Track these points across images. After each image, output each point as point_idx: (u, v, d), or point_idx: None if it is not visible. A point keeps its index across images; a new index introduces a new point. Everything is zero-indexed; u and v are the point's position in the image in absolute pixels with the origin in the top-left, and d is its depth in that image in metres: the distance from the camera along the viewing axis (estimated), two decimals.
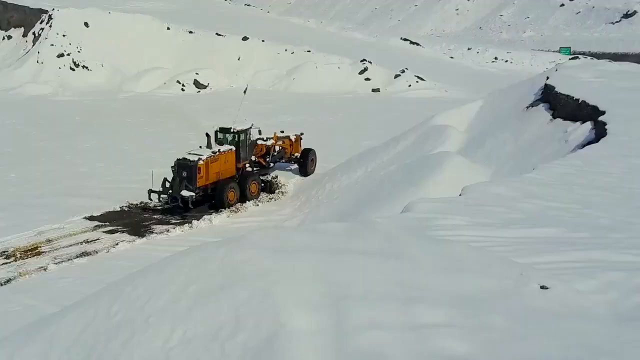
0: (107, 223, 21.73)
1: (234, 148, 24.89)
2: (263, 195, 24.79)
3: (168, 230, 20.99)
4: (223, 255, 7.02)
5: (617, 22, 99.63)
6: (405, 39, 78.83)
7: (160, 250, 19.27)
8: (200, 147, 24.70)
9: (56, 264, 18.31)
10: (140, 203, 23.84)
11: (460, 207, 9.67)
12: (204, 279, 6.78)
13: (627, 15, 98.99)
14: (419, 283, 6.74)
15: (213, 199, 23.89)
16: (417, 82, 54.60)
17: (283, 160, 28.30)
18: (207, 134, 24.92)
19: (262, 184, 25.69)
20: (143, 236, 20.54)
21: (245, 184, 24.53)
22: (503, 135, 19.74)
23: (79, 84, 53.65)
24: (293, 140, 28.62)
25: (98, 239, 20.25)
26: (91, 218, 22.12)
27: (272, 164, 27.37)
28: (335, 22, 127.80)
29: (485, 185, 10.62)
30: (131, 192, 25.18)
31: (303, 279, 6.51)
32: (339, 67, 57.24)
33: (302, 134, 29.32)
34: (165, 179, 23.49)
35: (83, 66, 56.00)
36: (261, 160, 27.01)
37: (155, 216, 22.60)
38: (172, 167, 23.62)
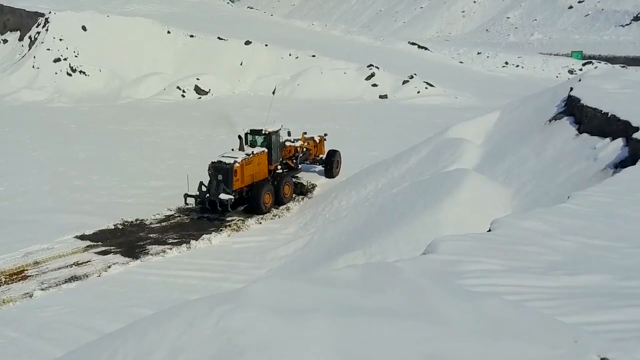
0: (100, 243, 20.74)
1: (266, 150, 25.08)
2: (267, 214, 23.68)
3: (164, 252, 19.95)
4: (217, 318, 5.97)
5: (627, 24, 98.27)
6: (412, 43, 77.64)
7: (155, 275, 18.35)
8: (232, 149, 24.81)
9: (43, 289, 17.33)
10: (136, 220, 22.83)
11: (491, 246, 8.61)
12: (194, 349, 5.75)
13: (637, 18, 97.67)
14: (453, 355, 5.70)
15: (247, 202, 24.05)
16: (426, 88, 53.45)
17: (307, 162, 28.46)
18: (239, 136, 25.08)
19: (294, 186, 25.91)
20: (137, 258, 19.52)
21: (278, 186, 24.68)
22: (524, 151, 18.67)
23: (75, 89, 52.63)
24: (317, 141, 28.90)
25: (89, 261, 19.25)
26: (82, 237, 21.14)
27: (299, 166, 27.57)
28: (339, 24, 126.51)
29: (516, 219, 9.56)
30: (126, 207, 24.23)
31: (313, 353, 5.47)
32: (345, 73, 56.08)
33: (325, 135, 29.64)
34: (201, 183, 23.52)
35: (80, 71, 54.95)
36: (289, 162, 27.07)
37: (151, 235, 21.57)
38: (208, 170, 23.67)
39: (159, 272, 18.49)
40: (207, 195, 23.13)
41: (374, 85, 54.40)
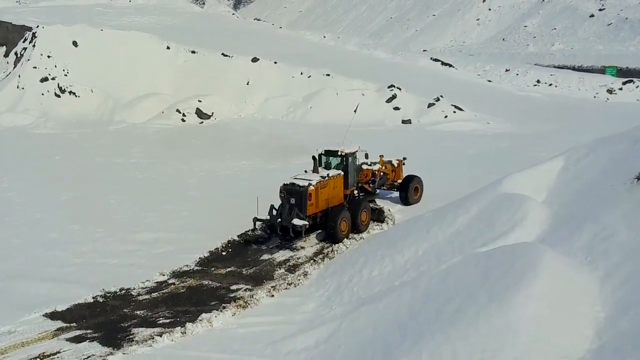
0: (73, 324, 17.58)
1: (342, 173, 24.25)
2: (280, 281, 20.41)
3: (153, 339, 16.71)
4: None
5: None
6: (435, 59, 74.57)
7: None
8: (306, 171, 24.28)
9: None
10: (120, 290, 19.69)
11: None
12: None
13: None
14: None
15: (321, 229, 23.51)
16: (455, 112, 50.26)
17: (384, 187, 27.67)
18: (313, 157, 24.29)
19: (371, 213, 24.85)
20: (119, 348, 16.31)
21: (355, 212, 23.60)
22: (608, 219, 15.44)
23: (64, 113, 49.76)
24: (395, 165, 28.10)
25: (57, 353, 16.09)
26: (53, 315, 18.01)
27: (377, 191, 26.67)
28: (350, 32, 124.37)
29: None
30: (110, 271, 21.17)
31: None
32: (363, 94, 52.95)
33: (404, 158, 28.49)
34: (272, 206, 23.08)
35: (70, 92, 52.11)
36: (366, 187, 26.23)
37: (138, 312, 18.39)
38: (280, 194, 23.11)
39: None
40: (279, 220, 22.51)
41: (396, 108, 51.40)
